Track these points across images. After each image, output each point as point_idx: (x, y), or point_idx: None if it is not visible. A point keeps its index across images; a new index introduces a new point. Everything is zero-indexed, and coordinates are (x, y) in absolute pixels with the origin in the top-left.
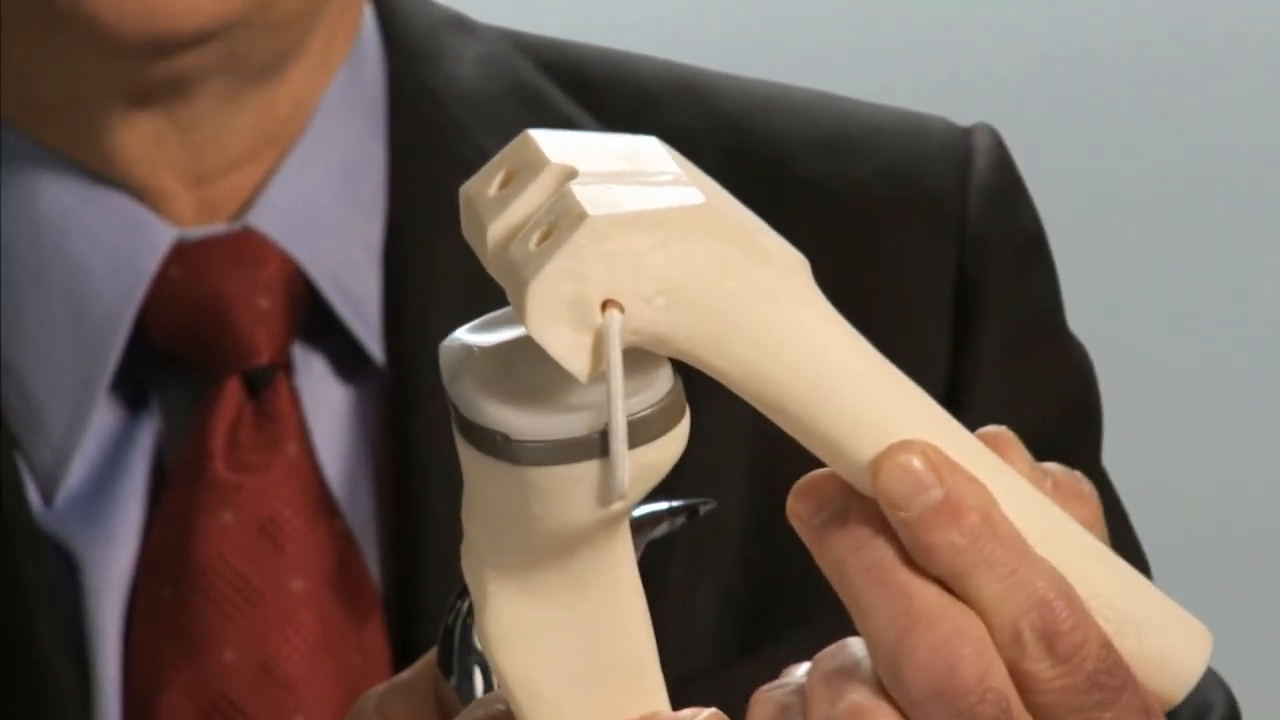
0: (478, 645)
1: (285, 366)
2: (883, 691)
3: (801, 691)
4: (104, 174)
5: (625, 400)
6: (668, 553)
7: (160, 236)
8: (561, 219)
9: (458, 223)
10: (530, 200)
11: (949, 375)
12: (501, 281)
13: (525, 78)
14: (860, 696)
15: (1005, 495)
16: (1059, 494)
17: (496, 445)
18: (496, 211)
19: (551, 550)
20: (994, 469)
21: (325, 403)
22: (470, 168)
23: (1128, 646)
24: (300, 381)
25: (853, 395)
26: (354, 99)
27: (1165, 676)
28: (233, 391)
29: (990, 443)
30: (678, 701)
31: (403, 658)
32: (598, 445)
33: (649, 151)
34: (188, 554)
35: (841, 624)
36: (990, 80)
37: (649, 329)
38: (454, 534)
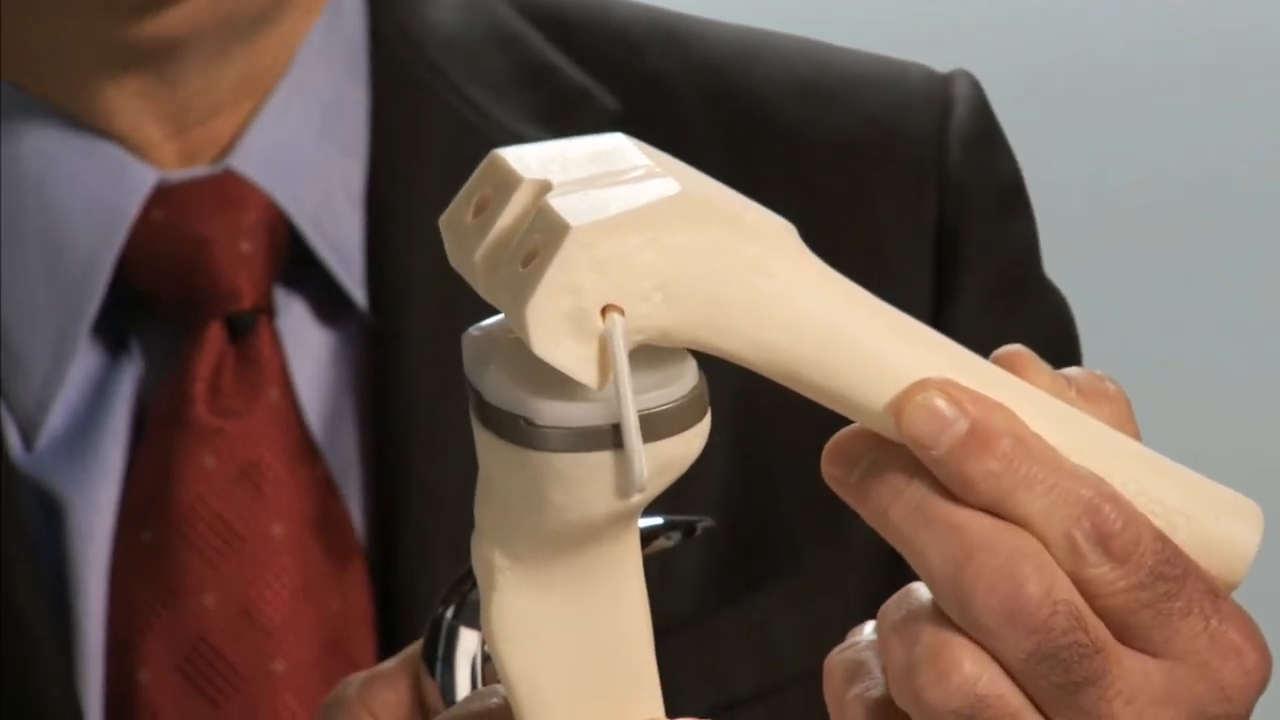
0: (462, 643)
1: (267, 310)
2: (955, 626)
3: (871, 648)
4: (86, 122)
5: (646, 394)
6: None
7: (141, 180)
8: (545, 235)
9: (439, 165)
10: (510, 220)
11: (931, 321)
12: (498, 305)
13: (504, 21)
14: (935, 635)
15: (1031, 413)
16: (1084, 399)
17: (519, 431)
18: (479, 237)
19: (564, 543)
20: (1015, 390)
21: (307, 346)
22: (450, 110)
23: (1180, 537)
24: (282, 325)
25: (861, 348)
26: (334, 42)
27: (1223, 559)
28: (214, 335)
29: (1007, 362)
30: (659, 652)
31: (383, 603)
32: (616, 436)
33: (617, 149)
34: (168, 498)
35: (824, 571)
36: (990, 80)
37: (652, 325)
38: (435, 477)
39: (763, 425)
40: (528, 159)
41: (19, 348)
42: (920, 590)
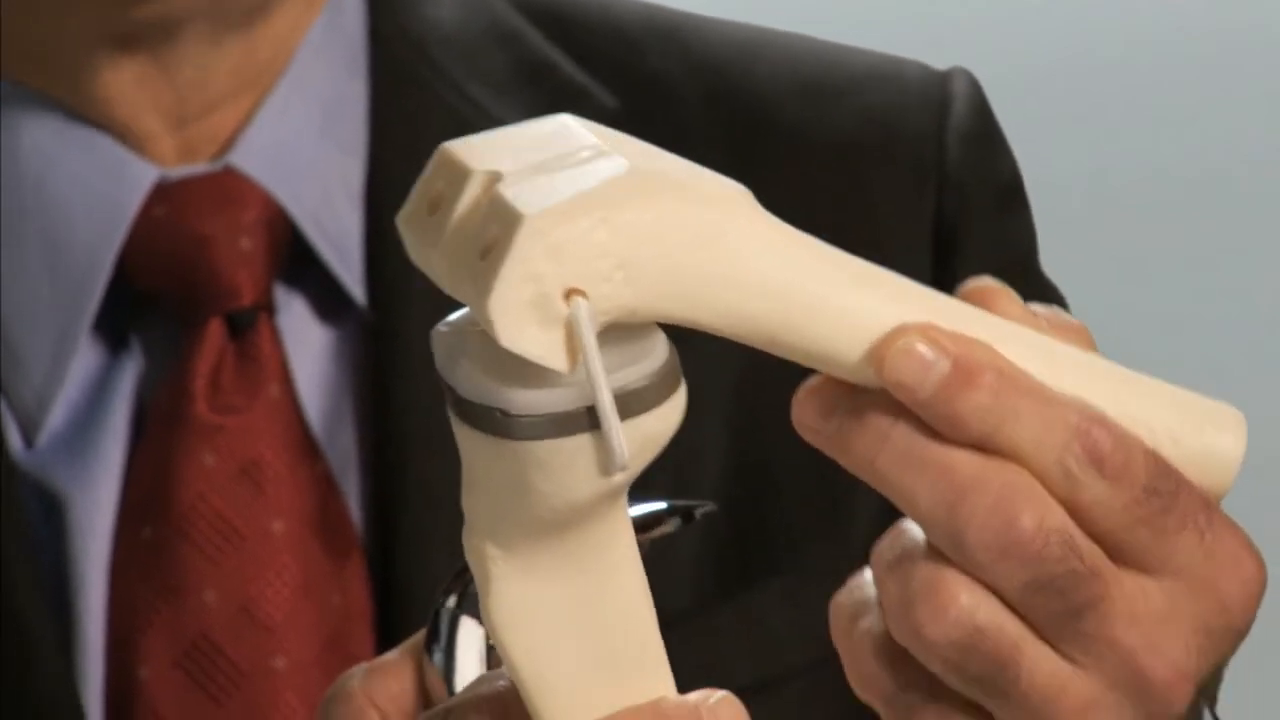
0: (464, 632)
1: (267, 307)
2: (949, 561)
3: (872, 588)
4: (86, 115)
5: (618, 372)
6: (645, 496)
7: (142, 176)
8: (499, 226)
9: None
10: (464, 213)
11: None
12: (462, 300)
13: (504, 18)
14: (930, 571)
15: (1009, 346)
16: (1055, 332)
17: (495, 422)
18: (437, 234)
19: (554, 528)
20: (991, 325)
21: (306, 343)
22: (450, 109)
23: (1168, 452)
24: (282, 322)
25: (831, 302)
26: (334, 39)
27: (1211, 470)
28: (214, 333)
29: (978, 296)
30: None
31: (383, 599)
32: (592, 417)
33: (564, 130)
34: (168, 495)
35: (823, 565)
36: (990, 80)
37: (616, 304)
38: (433, 474)
39: (761, 418)
40: (477, 150)
41: (19, 345)
42: (912, 528)
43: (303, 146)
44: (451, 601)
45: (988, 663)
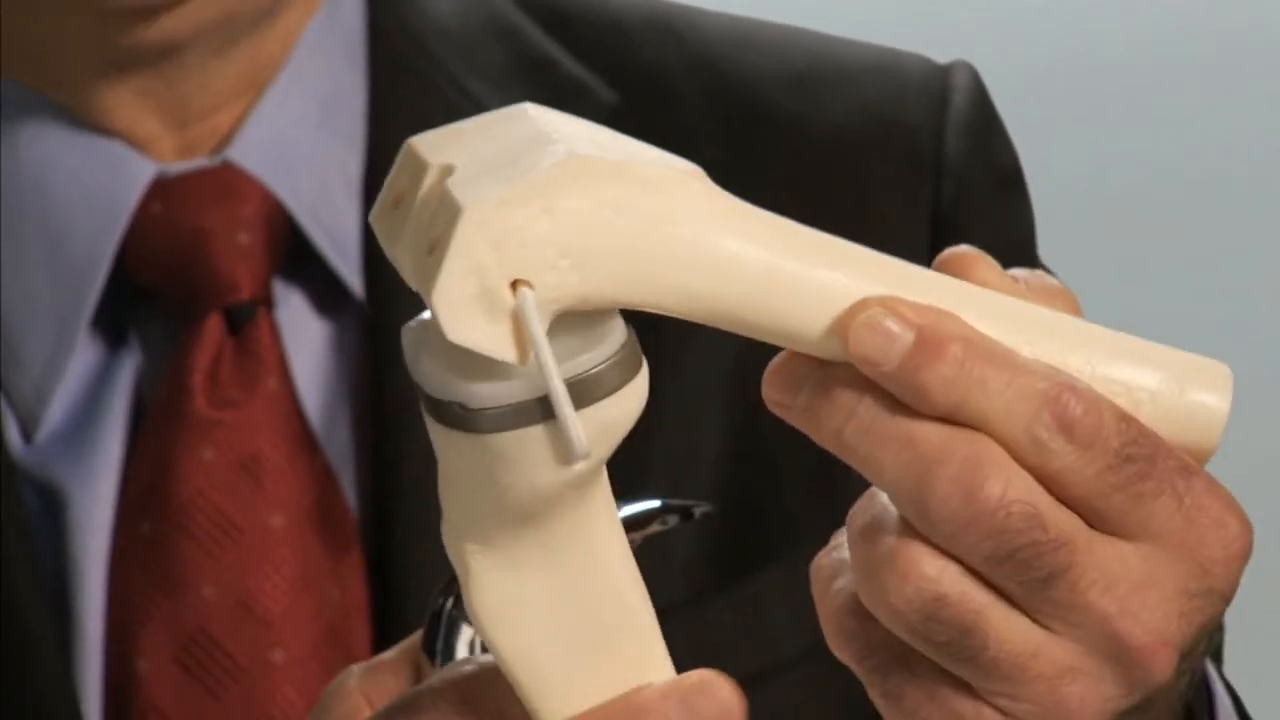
0: (464, 632)
1: (265, 302)
2: (916, 531)
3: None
4: (84, 119)
5: (571, 361)
6: (644, 487)
7: (140, 172)
8: (443, 220)
9: None
10: (419, 208)
11: None
12: (423, 298)
13: (502, 12)
14: (895, 540)
15: (977, 313)
16: (1036, 297)
17: (456, 416)
18: (399, 228)
19: (527, 518)
20: (958, 292)
21: (305, 338)
22: (448, 102)
23: (1145, 414)
24: (280, 316)
25: (789, 277)
26: (333, 34)
27: (1194, 429)
28: (213, 327)
29: (955, 264)
30: None
31: (381, 592)
32: (547, 407)
33: (522, 120)
34: (168, 490)
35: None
36: (990, 80)
37: (566, 292)
38: (431, 469)
39: (758, 409)
40: (436, 144)
41: (19, 341)
42: (883, 496)
43: (301, 141)
44: (450, 603)
45: (952, 630)
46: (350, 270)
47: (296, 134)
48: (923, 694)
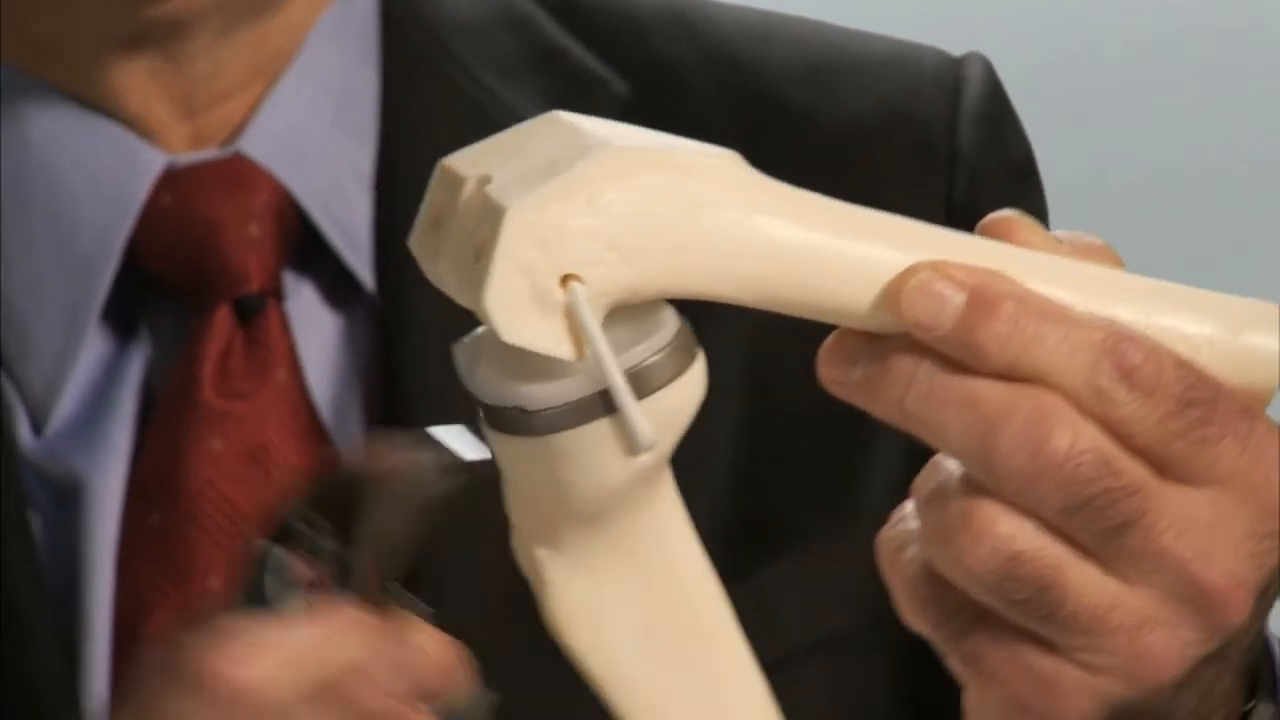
0: (285, 572)
1: (276, 293)
2: (986, 491)
3: (914, 520)
4: (95, 106)
5: (627, 352)
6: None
7: (150, 163)
8: (487, 226)
9: (450, 148)
10: (460, 221)
11: None
12: (468, 305)
13: (516, 5)
14: (966, 502)
15: (1027, 273)
16: (1080, 255)
17: (516, 421)
18: (440, 246)
19: (596, 518)
20: (1007, 254)
21: (315, 329)
22: (462, 94)
23: (1203, 359)
24: (291, 308)
25: (837, 253)
26: (346, 26)
27: (1252, 371)
28: (223, 318)
29: (997, 228)
30: None
31: None
32: (608, 401)
33: (553, 126)
34: (177, 481)
35: (833, 544)
36: None
37: (615, 285)
38: None
39: (772, 397)
40: (470, 159)
41: (28, 332)
42: (948, 461)
43: (313, 132)
44: (270, 547)
45: (1030, 586)
46: (361, 263)
47: (308, 126)
48: (1002, 655)
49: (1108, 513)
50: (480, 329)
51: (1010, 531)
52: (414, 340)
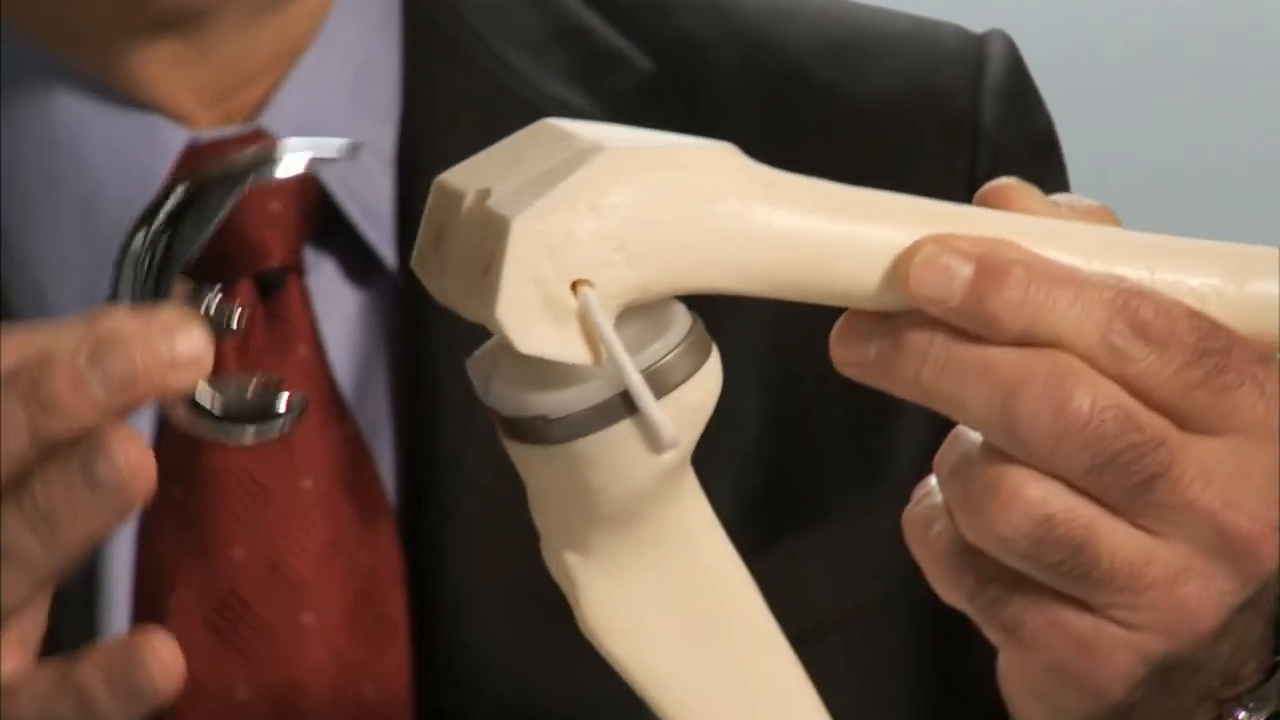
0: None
1: (297, 269)
2: (1010, 458)
3: (938, 494)
4: (121, 91)
5: (643, 352)
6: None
7: (172, 140)
8: (492, 238)
9: (471, 126)
10: (463, 236)
11: None
12: (478, 320)
13: None
14: (990, 469)
15: (1032, 238)
16: (1079, 216)
17: (538, 430)
18: (444, 263)
19: (624, 520)
20: (1009, 222)
21: (337, 305)
22: (483, 72)
23: (1213, 309)
24: (312, 283)
25: (839, 236)
26: (367, 3)
27: (1260, 317)
28: (244, 293)
29: (996, 196)
30: None
31: (413, 557)
32: (629, 402)
33: (547, 135)
34: (198, 454)
35: (858, 519)
36: None
37: (625, 286)
38: (465, 437)
39: (796, 375)
40: (467, 173)
41: (53, 309)
42: (967, 432)
43: (334, 110)
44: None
45: (1064, 549)
46: (383, 240)
47: (329, 104)
48: (1041, 620)
49: (1134, 468)
50: (490, 342)
51: (1039, 495)
52: (436, 317)
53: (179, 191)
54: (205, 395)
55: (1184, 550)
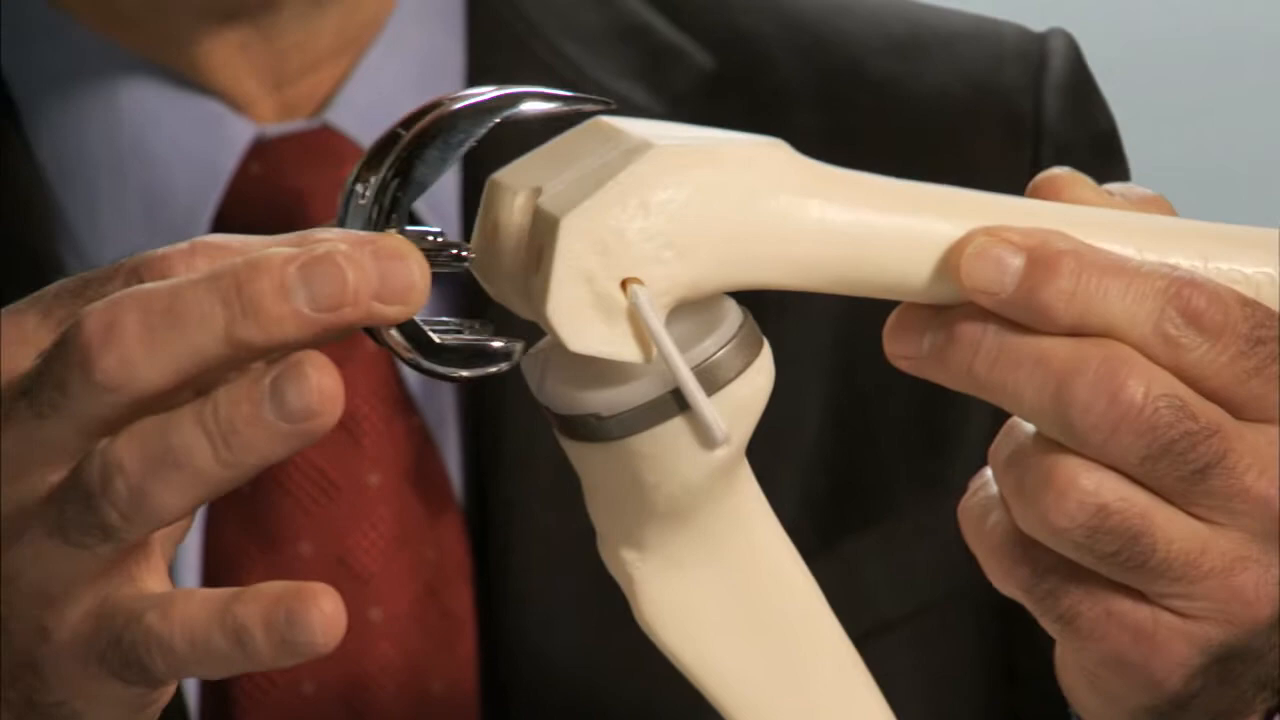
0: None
1: None
2: (1064, 448)
3: (993, 486)
4: (186, 77)
5: (694, 349)
6: (746, 450)
7: (239, 134)
8: (543, 236)
9: (534, 121)
10: (515, 236)
11: None
12: (531, 318)
13: None
14: (1046, 460)
15: (1083, 228)
16: (1133, 206)
17: (592, 428)
18: (499, 263)
19: (679, 516)
20: (1060, 212)
21: None
22: (546, 67)
23: (1266, 296)
24: None
25: (892, 229)
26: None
27: None
28: None
29: (1048, 187)
30: None
31: (479, 553)
32: (680, 399)
33: (598, 132)
34: None
35: (920, 516)
36: None
37: (676, 283)
38: (530, 433)
39: (859, 373)
40: (519, 172)
41: None
42: (1021, 424)
43: (399, 103)
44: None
45: (1119, 538)
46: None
47: (394, 97)
48: (1098, 611)
49: (1189, 456)
50: (544, 340)
51: (1094, 485)
52: (503, 310)
53: (424, 121)
54: (420, 327)
55: (1240, 538)
